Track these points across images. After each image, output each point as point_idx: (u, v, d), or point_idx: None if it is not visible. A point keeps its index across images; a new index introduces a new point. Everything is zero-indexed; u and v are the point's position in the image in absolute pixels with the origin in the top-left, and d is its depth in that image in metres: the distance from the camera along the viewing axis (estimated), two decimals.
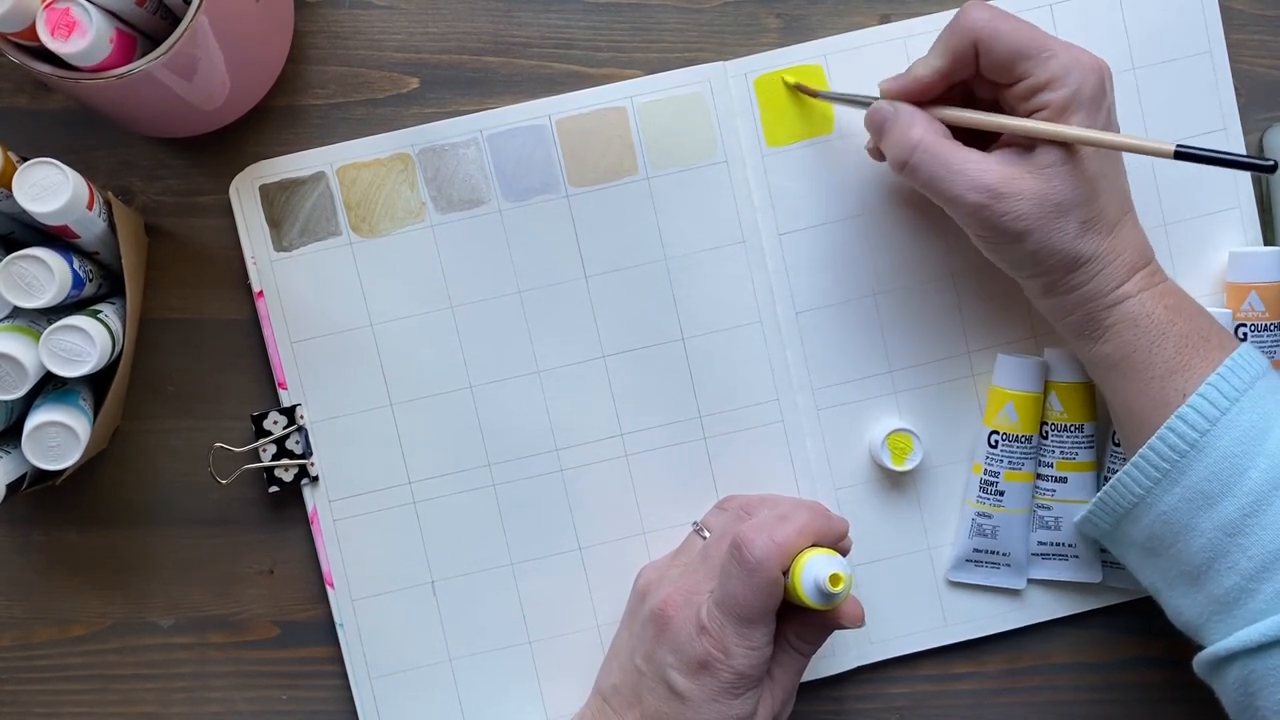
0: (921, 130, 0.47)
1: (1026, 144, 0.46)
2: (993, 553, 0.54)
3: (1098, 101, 0.46)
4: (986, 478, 0.53)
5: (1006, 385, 0.53)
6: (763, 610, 0.46)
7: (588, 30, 0.54)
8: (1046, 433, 0.53)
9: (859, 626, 0.48)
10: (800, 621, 0.48)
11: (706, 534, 0.50)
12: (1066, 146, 0.46)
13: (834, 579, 0.45)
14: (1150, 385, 0.46)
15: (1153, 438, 0.45)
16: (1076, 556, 0.54)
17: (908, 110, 0.48)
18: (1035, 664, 0.55)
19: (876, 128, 0.49)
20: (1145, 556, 0.47)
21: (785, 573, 0.46)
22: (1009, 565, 0.54)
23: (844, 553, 0.48)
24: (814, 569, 0.45)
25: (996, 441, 0.53)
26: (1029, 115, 0.46)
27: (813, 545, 0.47)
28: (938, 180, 0.46)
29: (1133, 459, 0.46)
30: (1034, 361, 0.53)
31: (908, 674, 0.55)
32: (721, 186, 0.54)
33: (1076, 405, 0.53)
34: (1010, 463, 0.53)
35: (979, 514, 0.53)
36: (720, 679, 0.46)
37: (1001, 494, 0.53)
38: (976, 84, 0.49)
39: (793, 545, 0.46)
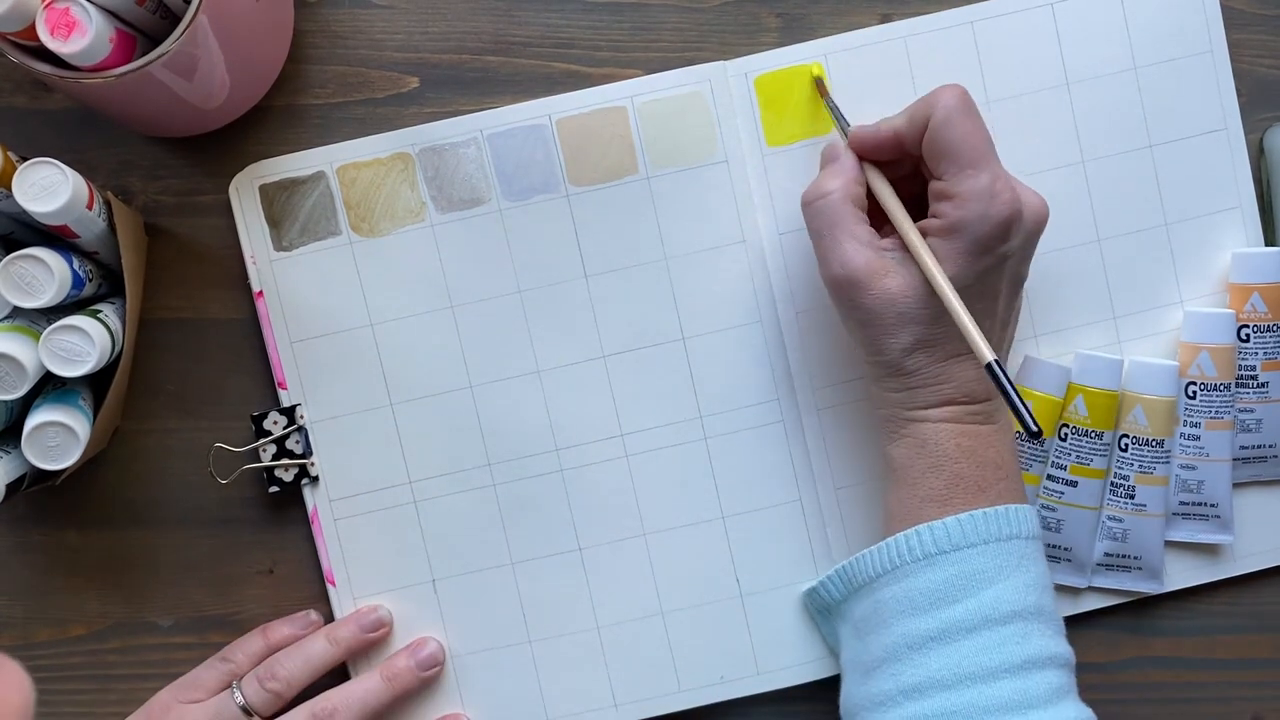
0: (839, 185, 0.48)
1: (903, 247, 0.47)
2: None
3: (987, 245, 0.46)
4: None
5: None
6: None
7: (588, 30, 0.54)
8: (1065, 435, 0.53)
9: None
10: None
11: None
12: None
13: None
14: (910, 501, 0.47)
15: (909, 532, 0.46)
16: (1070, 560, 0.54)
17: (848, 162, 0.49)
18: None
19: (822, 159, 0.50)
20: (851, 636, 0.49)
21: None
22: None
23: None
24: None
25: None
26: (929, 217, 0.47)
27: None
28: (818, 235, 0.48)
29: (882, 543, 0.47)
30: (1057, 367, 0.53)
31: None
32: (721, 186, 0.54)
33: (1102, 412, 0.53)
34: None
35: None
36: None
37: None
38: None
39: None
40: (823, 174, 0.49)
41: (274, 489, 0.53)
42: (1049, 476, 0.53)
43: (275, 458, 0.53)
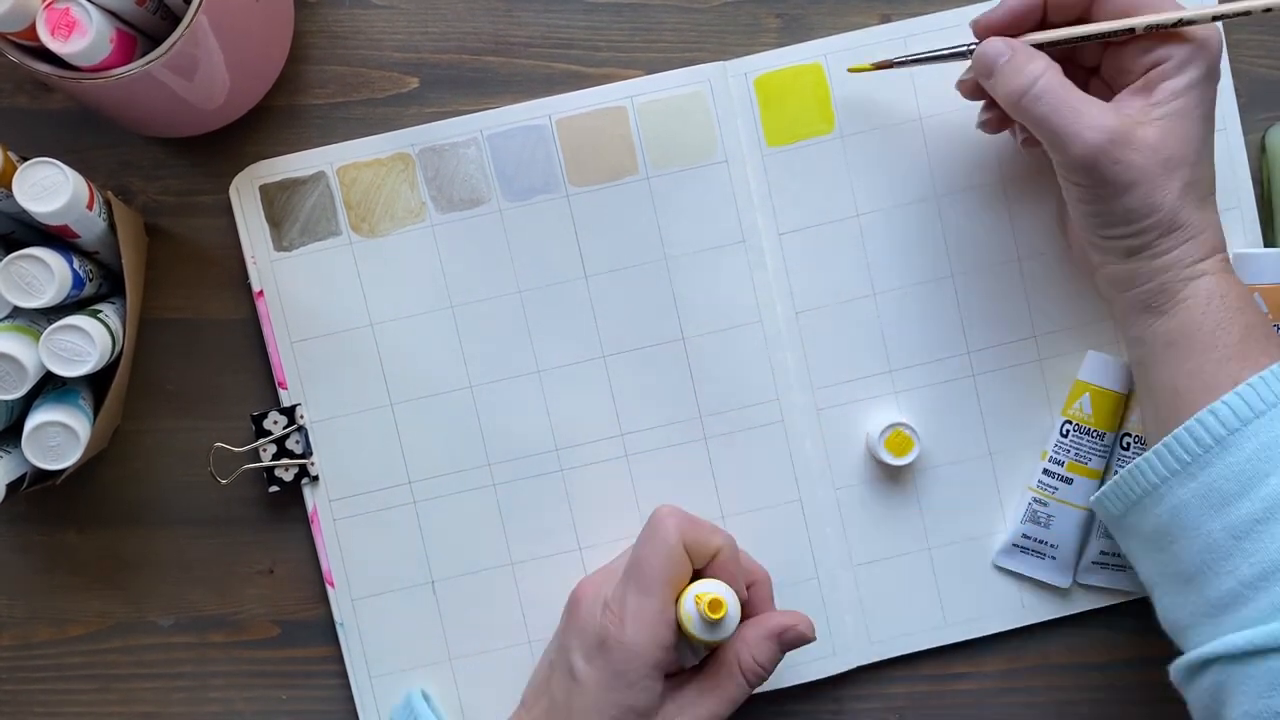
0: (1043, 65, 0.45)
1: (1143, 94, 0.45)
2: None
3: (1216, 72, 0.46)
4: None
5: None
6: (660, 575, 0.46)
7: (587, 30, 0.54)
8: (1067, 431, 0.53)
9: (810, 638, 0.49)
10: (755, 637, 0.48)
11: None
12: (1182, 99, 0.45)
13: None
14: (1206, 365, 0.44)
15: (1179, 428, 0.43)
16: (1054, 558, 0.54)
17: (1024, 47, 0.46)
18: (1035, 664, 0.55)
19: (987, 66, 0.47)
20: (1148, 549, 0.46)
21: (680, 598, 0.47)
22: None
23: (743, 601, 0.48)
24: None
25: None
26: (1141, 71, 0.46)
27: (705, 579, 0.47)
28: (1057, 114, 0.45)
29: (1156, 446, 0.44)
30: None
31: (908, 674, 0.55)
32: (721, 186, 0.54)
33: (1106, 413, 0.53)
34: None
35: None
36: (613, 658, 0.45)
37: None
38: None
39: (703, 535, 0.47)
40: (1009, 69, 0.46)
41: (274, 489, 0.53)
42: (1045, 470, 0.53)
43: (275, 457, 0.53)
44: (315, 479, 0.54)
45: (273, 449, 0.53)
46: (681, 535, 0.46)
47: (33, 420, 0.46)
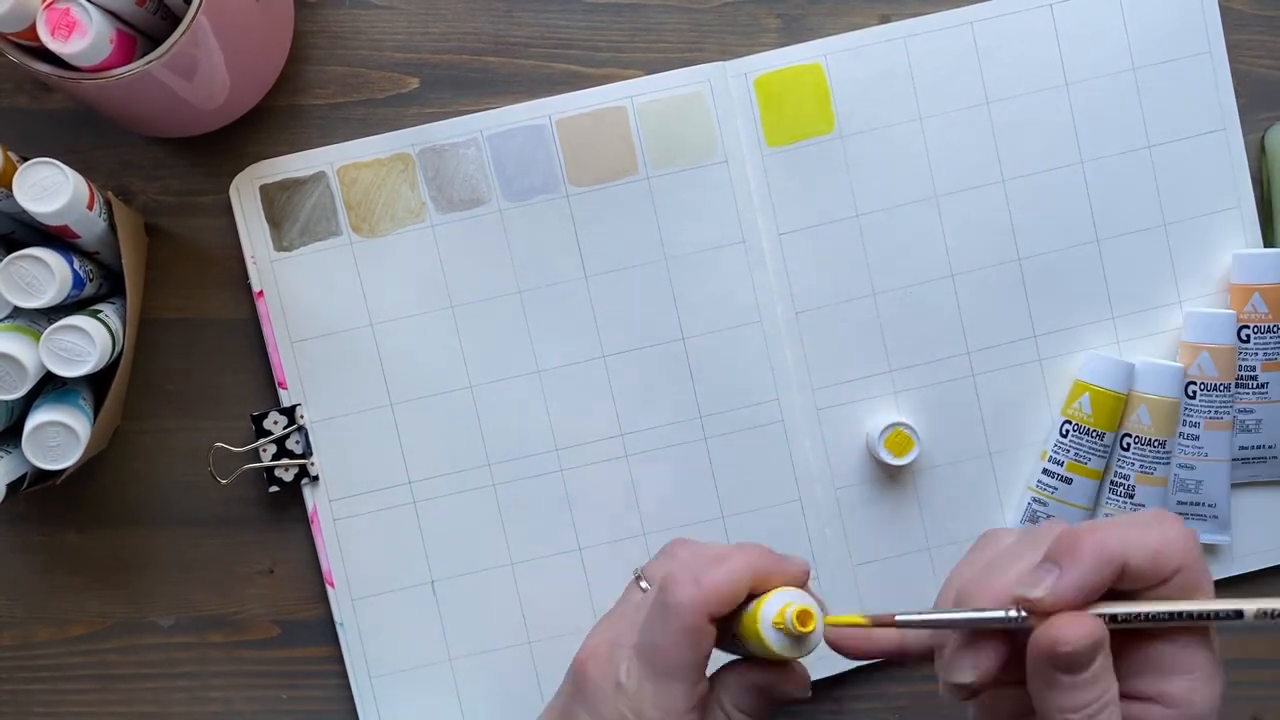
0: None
1: None
2: None
3: None
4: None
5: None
6: (682, 663, 0.39)
7: (587, 30, 0.54)
8: (1067, 431, 0.53)
9: (806, 696, 0.42)
10: (738, 686, 0.42)
11: (645, 585, 0.44)
12: None
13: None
14: None
15: None
16: None
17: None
18: None
19: (1079, 661, 0.35)
20: None
21: (727, 620, 0.40)
22: None
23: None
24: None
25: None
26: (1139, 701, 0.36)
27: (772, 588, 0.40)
28: None
29: None
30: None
31: (908, 674, 0.55)
32: (721, 186, 0.54)
33: (1106, 413, 0.53)
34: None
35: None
36: None
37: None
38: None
39: (723, 590, 0.40)
40: (1097, 680, 0.35)
41: (274, 489, 0.53)
42: (1045, 470, 0.53)
43: (275, 458, 0.53)
44: (315, 479, 0.54)
45: (273, 449, 0.53)
46: (706, 610, 0.40)
47: (33, 420, 0.46)
